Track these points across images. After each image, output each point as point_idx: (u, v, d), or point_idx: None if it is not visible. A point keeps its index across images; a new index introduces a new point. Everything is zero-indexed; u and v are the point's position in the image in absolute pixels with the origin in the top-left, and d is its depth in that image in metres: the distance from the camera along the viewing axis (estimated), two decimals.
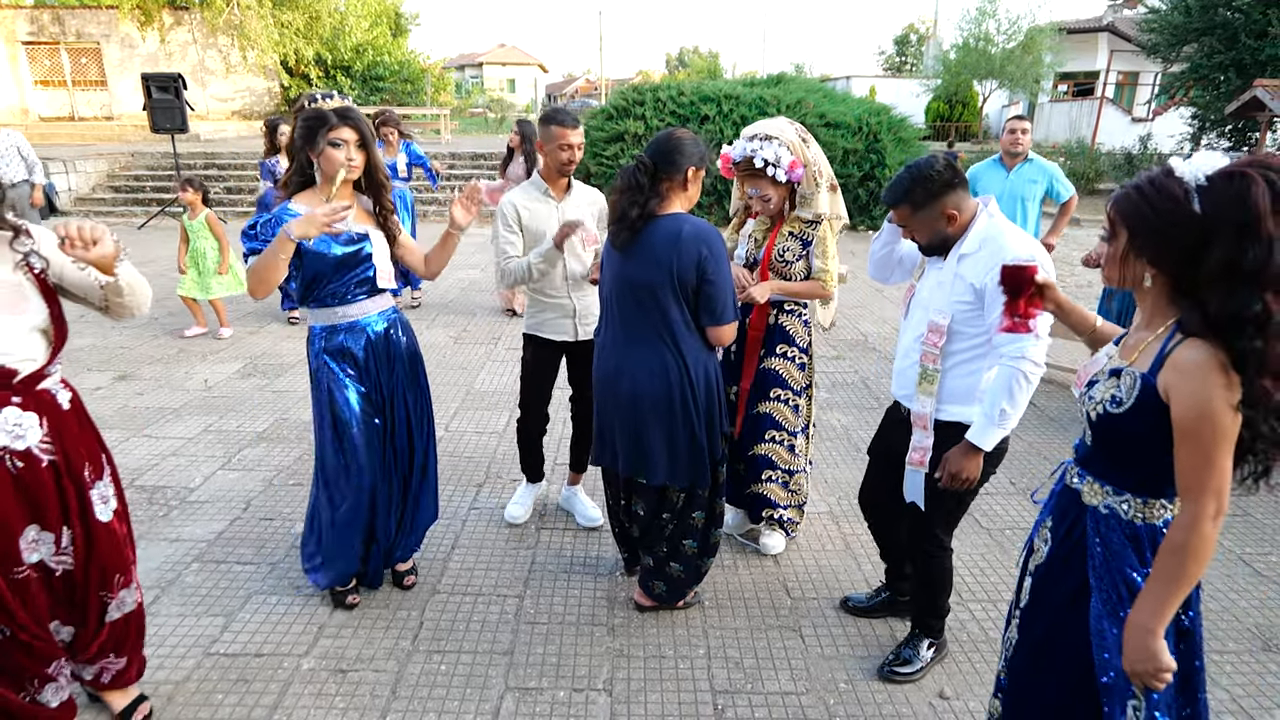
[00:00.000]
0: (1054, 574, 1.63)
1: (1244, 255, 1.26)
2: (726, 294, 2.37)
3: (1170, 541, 1.39)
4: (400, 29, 25.32)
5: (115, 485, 2.08)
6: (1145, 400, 1.40)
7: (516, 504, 3.38)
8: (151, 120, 10.39)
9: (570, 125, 2.86)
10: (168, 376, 5.09)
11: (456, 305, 7.16)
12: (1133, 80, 22.65)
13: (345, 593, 2.75)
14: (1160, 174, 1.37)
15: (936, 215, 2.12)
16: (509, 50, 55.62)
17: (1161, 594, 1.38)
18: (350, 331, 2.52)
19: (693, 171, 2.39)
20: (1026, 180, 4.96)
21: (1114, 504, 1.52)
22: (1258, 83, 12.47)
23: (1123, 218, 1.41)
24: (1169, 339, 1.40)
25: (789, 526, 3.15)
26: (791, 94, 12.43)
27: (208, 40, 18.74)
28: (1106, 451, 1.53)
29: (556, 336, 3.09)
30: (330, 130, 2.34)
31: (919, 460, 2.26)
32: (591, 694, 2.38)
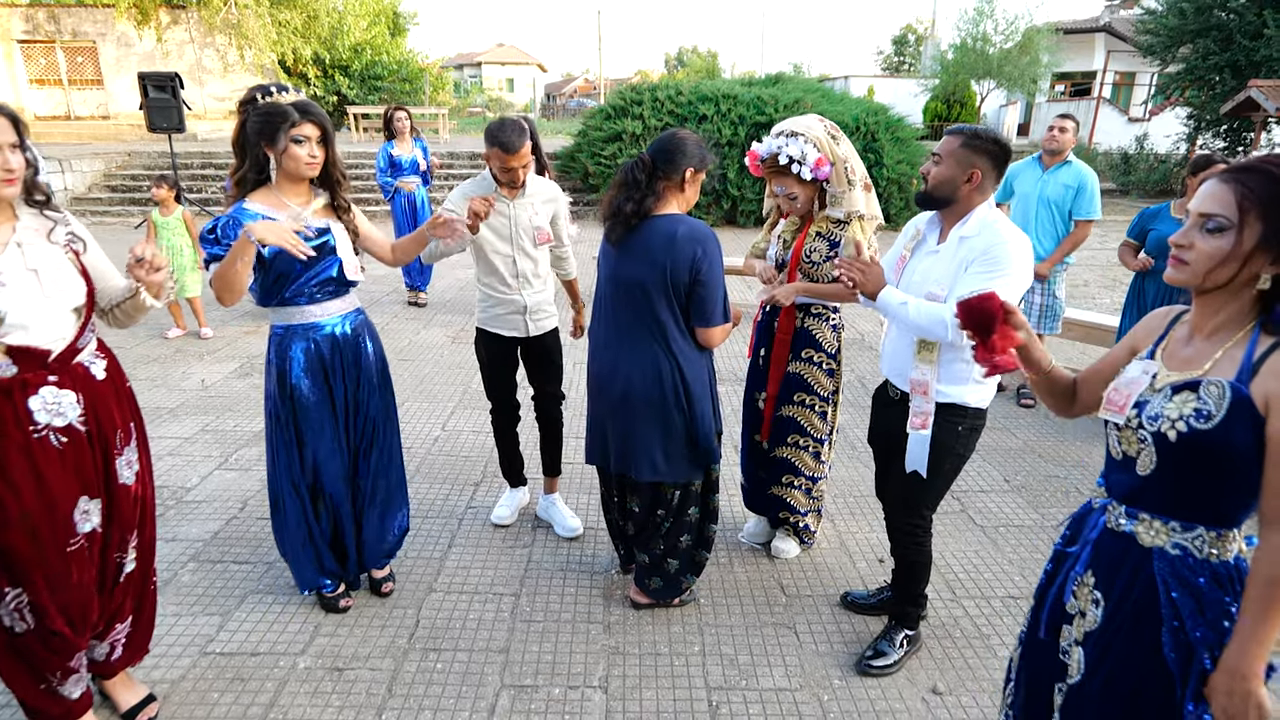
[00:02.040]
0: (1121, 640, 1.40)
1: None
2: (718, 296, 2.38)
3: (1268, 573, 1.23)
4: (399, 28, 25.29)
5: (141, 450, 2.11)
6: (1239, 412, 1.24)
7: (502, 506, 3.38)
8: (148, 119, 10.37)
9: (513, 150, 2.75)
10: (164, 376, 5.09)
11: (454, 305, 7.16)
12: (1129, 81, 22.72)
13: (336, 597, 2.73)
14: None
15: (968, 164, 2.15)
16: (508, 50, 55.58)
17: (1259, 633, 1.24)
18: (314, 333, 2.47)
19: (691, 173, 2.39)
20: (1060, 183, 4.59)
21: (1184, 542, 1.33)
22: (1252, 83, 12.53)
23: (1262, 204, 1.21)
24: (1253, 344, 1.27)
25: (805, 534, 3.14)
26: (790, 94, 12.46)
27: (205, 39, 18.70)
28: (1177, 478, 1.33)
29: (507, 332, 3.08)
30: (293, 126, 2.27)
31: (921, 424, 2.27)
32: (587, 691, 2.39)
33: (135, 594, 2.18)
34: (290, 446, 2.52)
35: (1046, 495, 3.75)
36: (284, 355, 2.47)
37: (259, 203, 2.35)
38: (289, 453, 2.53)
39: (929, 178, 2.23)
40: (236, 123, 2.34)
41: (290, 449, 2.53)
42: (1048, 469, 4.04)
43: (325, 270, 2.44)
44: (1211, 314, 1.33)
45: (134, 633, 2.21)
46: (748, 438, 3.13)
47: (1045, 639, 1.57)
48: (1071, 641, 1.50)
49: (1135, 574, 1.39)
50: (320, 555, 2.65)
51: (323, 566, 2.68)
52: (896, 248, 2.47)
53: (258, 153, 2.33)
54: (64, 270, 1.89)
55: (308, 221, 2.39)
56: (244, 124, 2.32)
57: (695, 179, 2.42)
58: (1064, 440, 4.39)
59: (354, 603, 2.77)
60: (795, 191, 2.76)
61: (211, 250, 2.30)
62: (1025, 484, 3.86)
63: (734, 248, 9.98)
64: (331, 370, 2.52)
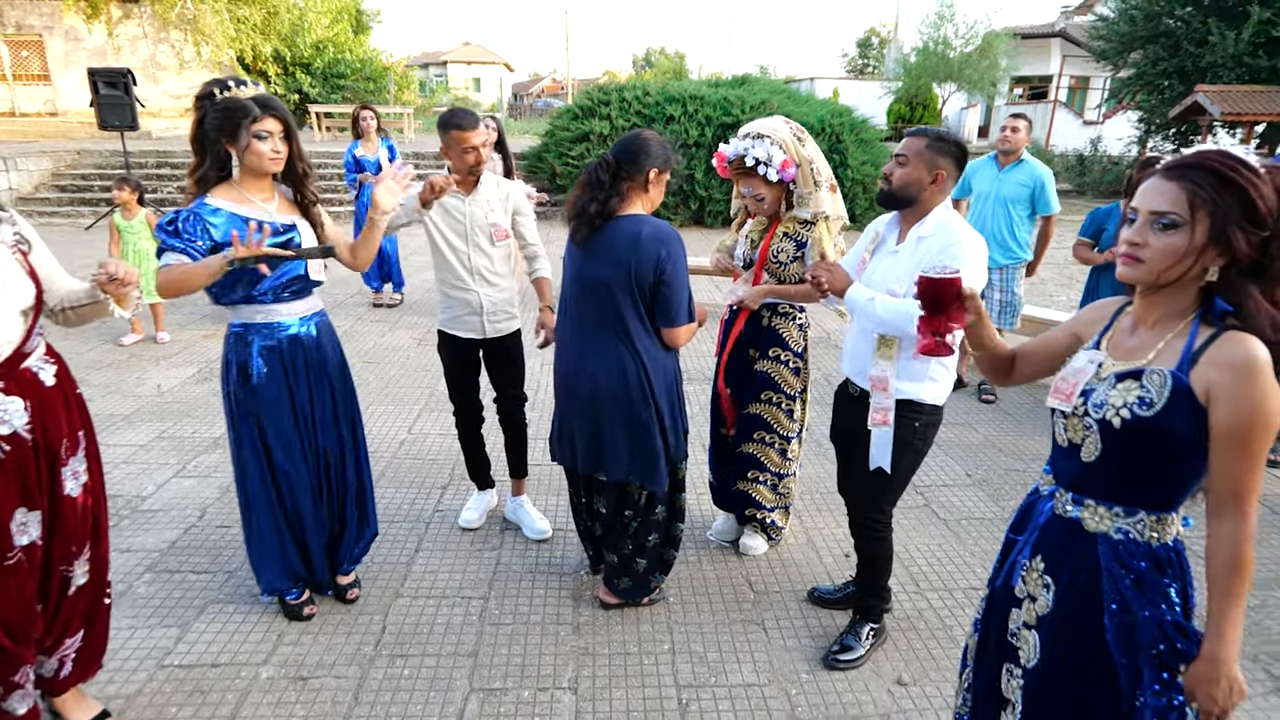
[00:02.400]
0: (1070, 624, 1.44)
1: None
2: (682, 296, 2.39)
3: (1226, 557, 1.28)
4: (362, 26, 24.97)
5: (90, 460, 2.05)
6: (1179, 400, 1.27)
7: (470, 509, 3.35)
8: (99, 117, 10.09)
9: (470, 126, 2.77)
10: (118, 382, 4.95)
11: (420, 307, 7.08)
12: (1084, 85, 23.29)
13: (300, 604, 2.69)
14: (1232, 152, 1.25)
15: (933, 165, 2.22)
16: (474, 49, 55.12)
17: (1231, 616, 1.28)
18: (269, 333, 2.41)
19: (655, 174, 2.40)
20: (1015, 183, 4.74)
21: (1127, 526, 1.38)
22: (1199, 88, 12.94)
23: (1211, 201, 1.23)
24: (1193, 334, 1.30)
25: (772, 530, 3.17)
26: (756, 95, 12.55)
27: (159, 35, 18.25)
28: (1120, 464, 1.37)
29: (464, 333, 3.05)
30: (255, 121, 2.21)
31: (881, 420, 2.32)
32: (556, 693, 2.39)
33: (86, 609, 2.12)
34: (255, 448, 2.47)
35: (1006, 488, 3.83)
36: (244, 354, 2.40)
37: (221, 198, 2.29)
38: (255, 454, 2.47)
39: (893, 178, 2.27)
40: (194, 119, 2.27)
41: (255, 451, 2.47)
42: (1007, 462, 4.12)
43: (291, 269, 2.38)
44: (1156, 307, 1.36)
45: (85, 648, 2.14)
46: (715, 435, 3.15)
47: (996, 622, 1.62)
48: (1021, 625, 1.54)
49: (1082, 559, 1.43)
50: (285, 558, 2.60)
51: (287, 570, 2.62)
52: (858, 250, 2.52)
53: (218, 149, 2.27)
54: (11, 271, 1.83)
55: (273, 218, 2.34)
56: (202, 120, 2.25)
57: (659, 179, 2.42)
58: (1023, 435, 4.48)
59: (319, 610, 2.73)
60: (762, 193, 2.78)
61: (169, 241, 2.20)
62: (986, 478, 3.94)
63: (702, 248, 10.02)
64: (294, 371, 2.46)
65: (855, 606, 2.66)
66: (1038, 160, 4.84)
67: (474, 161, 2.83)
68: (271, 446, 2.48)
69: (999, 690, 1.61)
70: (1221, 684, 1.29)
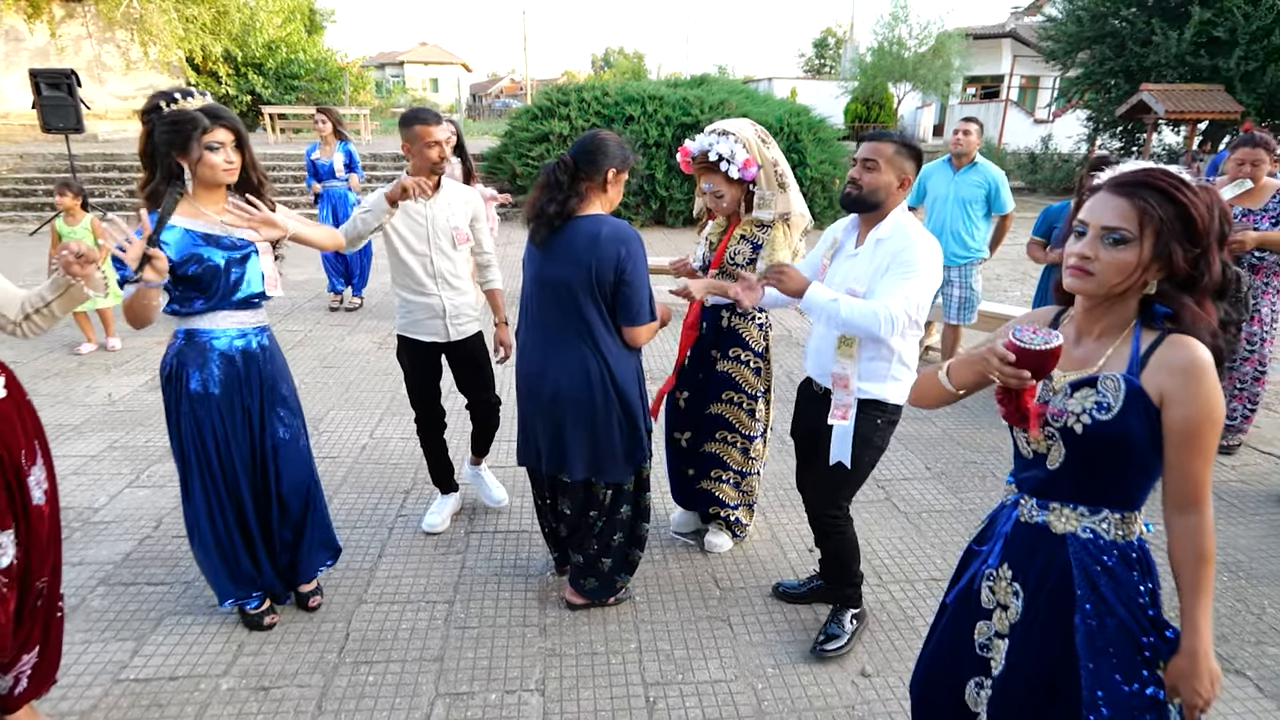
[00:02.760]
0: (1038, 629, 1.47)
1: (1225, 269, 1.31)
2: (643, 296, 2.41)
3: (1193, 551, 1.33)
4: (315, 26, 24.51)
5: (48, 468, 2.01)
6: (1134, 403, 1.32)
7: (434, 514, 3.31)
8: (42, 119, 9.76)
9: (433, 121, 2.81)
10: (66, 392, 4.81)
11: (379, 311, 6.99)
12: (1034, 84, 23.86)
13: (260, 614, 2.64)
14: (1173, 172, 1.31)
15: (900, 169, 2.27)
16: (431, 49, 54.56)
17: (1203, 608, 1.33)
18: (215, 342, 2.37)
19: (613, 173, 2.41)
20: (970, 184, 4.91)
21: (1093, 525, 1.42)
22: (1144, 87, 13.35)
23: (1157, 220, 1.28)
24: (1137, 340, 1.36)
25: (737, 528, 3.20)
26: (715, 95, 12.63)
27: (104, 35, 17.70)
28: (1083, 468, 1.41)
29: (427, 337, 3.03)
30: (205, 133, 2.19)
31: (842, 416, 2.36)
32: (524, 695, 2.38)
33: (43, 621, 2.06)
34: (199, 458, 2.41)
35: (965, 480, 3.91)
36: (187, 363, 2.35)
37: (176, 215, 2.23)
38: (198, 464, 2.42)
39: (863, 183, 2.29)
40: (142, 132, 2.22)
41: (199, 460, 2.42)
42: (966, 455, 4.21)
43: (245, 282, 2.36)
44: (1099, 318, 1.40)
45: (40, 663, 2.08)
46: (670, 435, 3.18)
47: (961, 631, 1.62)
48: (993, 634, 1.56)
49: (1050, 562, 1.46)
50: (236, 566, 2.54)
51: (239, 578, 2.56)
52: (817, 255, 2.56)
53: (169, 163, 2.21)
54: None
55: (228, 231, 2.31)
56: (150, 133, 2.20)
57: (618, 179, 2.44)
58: (980, 428, 4.59)
59: (280, 619, 2.68)
60: (722, 190, 2.80)
61: (124, 272, 2.15)
62: (945, 471, 4.02)
63: (664, 247, 10.06)
64: (238, 381, 2.41)
65: (834, 596, 2.69)
66: (990, 162, 5.01)
67: (437, 157, 2.83)
68: (214, 455, 2.42)
69: (964, 705, 1.63)
70: (1203, 677, 1.32)
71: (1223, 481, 3.91)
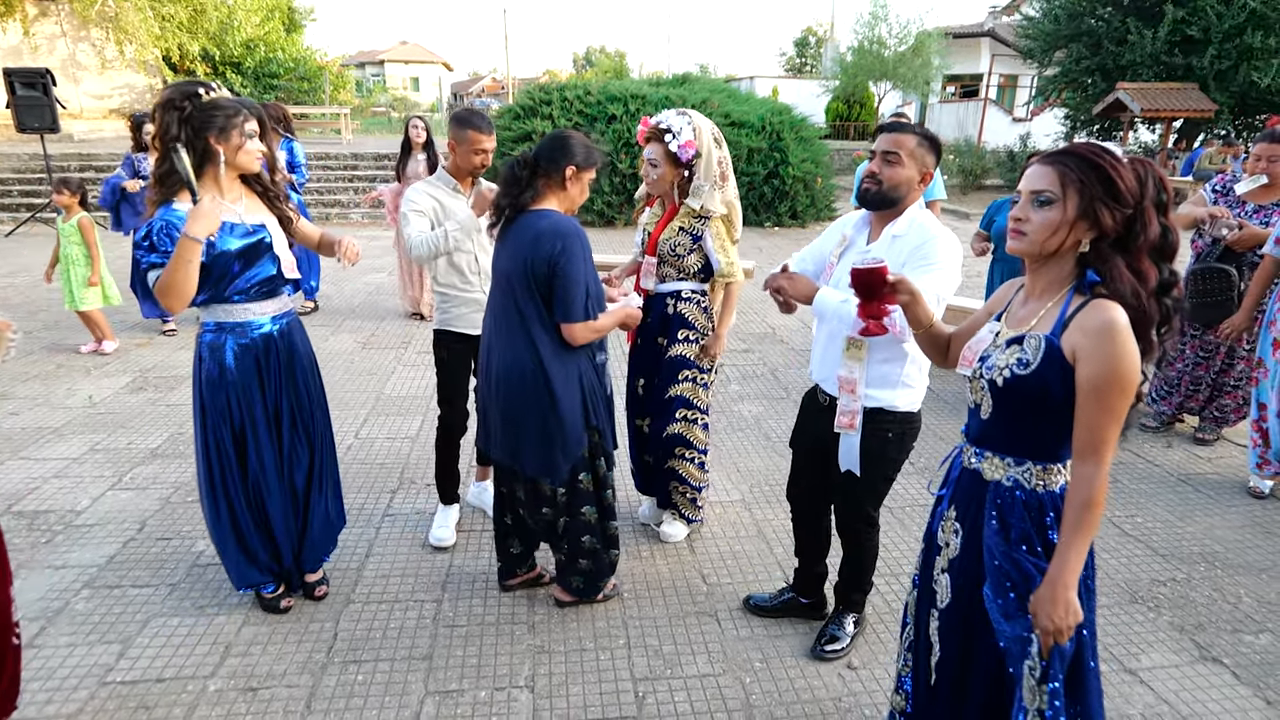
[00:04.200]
0: (970, 564, 1.63)
1: (1165, 232, 1.42)
2: (577, 293, 2.33)
3: (1078, 496, 1.44)
4: (294, 25, 24.32)
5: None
6: (1051, 360, 1.45)
7: (441, 528, 3.26)
8: (16, 119, 9.64)
9: (486, 131, 2.88)
10: (47, 394, 4.75)
11: (364, 310, 6.96)
12: (1013, 83, 24.13)
13: (276, 598, 2.69)
14: (1100, 144, 1.45)
15: (924, 163, 2.16)
16: (411, 48, 54.27)
17: (1077, 546, 1.44)
18: (242, 331, 2.44)
19: (573, 171, 2.40)
20: None
21: (1016, 474, 1.56)
22: (1120, 86, 13.54)
23: (1077, 180, 1.43)
24: (1067, 303, 1.47)
25: (691, 512, 3.23)
26: (697, 94, 12.65)
27: (79, 33, 17.45)
28: (1008, 420, 1.55)
29: (472, 330, 3.07)
30: (246, 121, 2.28)
31: (848, 424, 2.26)
32: (513, 692, 2.39)
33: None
34: (224, 445, 2.48)
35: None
36: (217, 352, 2.42)
37: (188, 203, 2.27)
38: (221, 452, 2.48)
39: (884, 178, 2.16)
40: (165, 119, 2.25)
41: (224, 448, 2.48)
42: (946, 449, 4.23)
43: (263, 269, 2.42)
44: (1040, 279, 1.55)
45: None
46: (632, 424, 3.24)
47: (926, 574, 1.80)
48: (939, 570, 1.73)
49: (979, 505, 1.62)
50: (255, 552, 2.60)
51: (258, 564, 2.61)
52: (824, 253, 2.43)
53: (202, 147, 2.27)
54: None
55: (241, 219, 2.37)
56: (183, 119, 2.24)
57: (578, 177, 2.43)
58: (960, 422, 4.63)
59: (294, 603, 2.73)
60: (658, 160, 2.89)
61: (148, 259, 2.23)
62: (928, 465, 4.07)
63: None
64: (266, 369, 2.49)
65: (839, 597, 2.66)
66: None
67: (480, 164, 2.91)
68: (242, 443, 2.49)
69: (928, 636, 1.76)
70: (1059, 605, 1.44)
71: (1198, 473, 3.99)
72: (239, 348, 2.44)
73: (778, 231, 12.12)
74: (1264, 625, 2.78)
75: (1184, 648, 2.66)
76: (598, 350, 2.58)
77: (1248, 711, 2.37)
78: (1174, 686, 2.47)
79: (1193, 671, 2.54)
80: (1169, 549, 3.28)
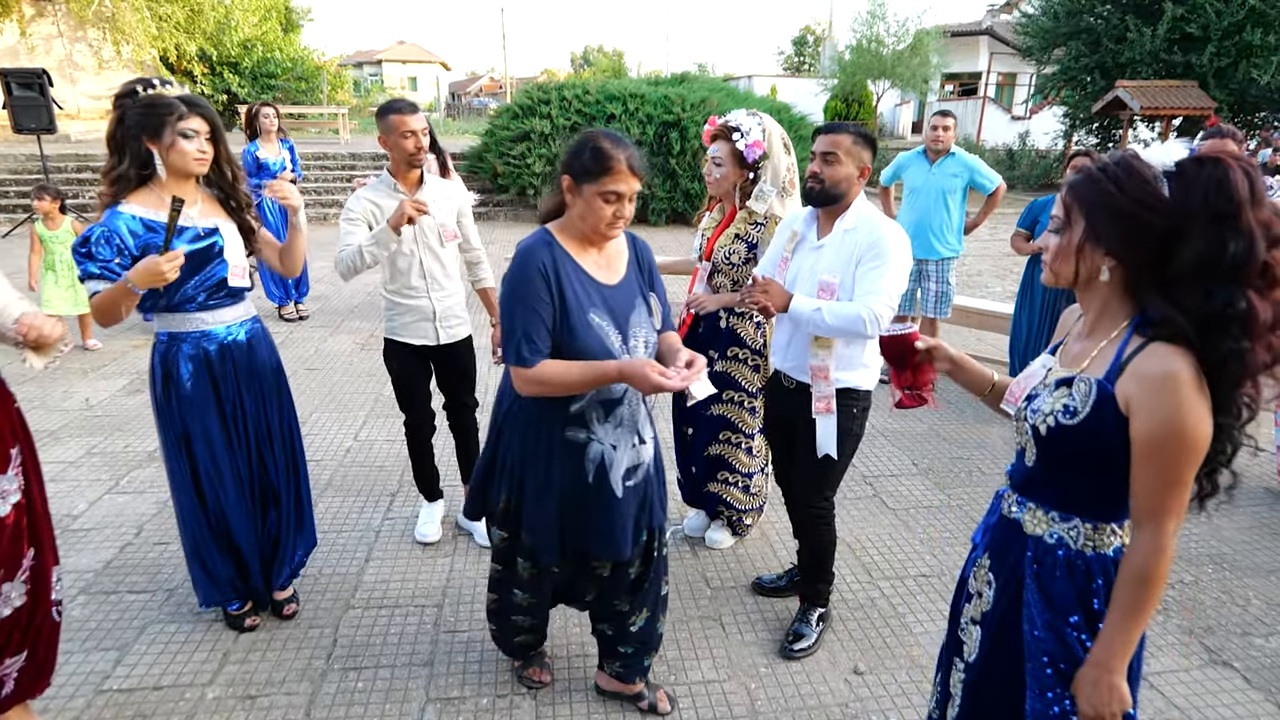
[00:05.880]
0: (1005, 622, 1.46)
1: (1224, 248, 1.15)
2: (506, 325, 1.86)
3: (1133, 569, 1.27)
4: (291, 24, 24.27)
5: (23, 476, 1.93)
6: (1103, 409, 1.26)
7: (426, 523, 3.24)
8: (13, 120, 9.58)
9: (409, 111, 2.74)
10: (43, 397, 4.71)
11: (361, 311, 6.92)
12: (1011, 81, 24.12)
13: (241, 615, 2.61)
14: (1124, 157, 1.26)
15: (860, 160, 2.31)
16: (409, 48, 54.19)
17: (1127, 627, 1.27)
18: (200, 341, 2.35)
19: (568, 183, 1.88)
20: (948, 174, 4.98)
21: (1061, 532, 1.38)
22: (1119, 84, 13.51)
23: (1083, 203, 1.29)
24: (1124, 343, 1.28)
25: (739, 527, 3.20)
26: (696, 93, 12.61)
27: (75, 34, 17.39)
28: (1054, 471, 1.37)
29: (416, 340, 2.96)
30: (180, 119, 2.16)
31: (824, 408, 2.38)
32: (515, 699, 2.36)
33: (25, 627, 1.99)
34: (181, 459, 2.40)
35: (952, 476, 3.93)
36: (169, 365, 2.34)
37: (137, 204, 2.21)
38: (180, 465, 2.40)
39: (825, 177, 2.31)
40: (112, 117, 2.19)
41: (181, 462, 2.40)
42: (952, 451, 4.23)
43: (212, 275, 2.32)
44: (1089, 311, 1.38)
45: (28, 666, 2.02)
46: (678, 429, 3.18)
47: (956, 612, 1.65)
48: (968, 620, 1.56)
49: (1020, 560, 1.43)
50: (216, 570, 2.51)
51: (220, 582, 2.53)
52: (776, 250, 2.56)
53: (139, 147, 2.19)
54: None
55: (195, 222, 2.28)
56: (121, 118, 2.18)
57: (577, 191, 1.87)
58: (965, 424, 4.61)
59: (260, 622, 2.65)
60: (723, 159, 2.84)
61: (86, 267, 2.13)
62: (931, 466, 4.04)
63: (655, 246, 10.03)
64: (222, 380, 2.39)
65: (802, 594, 2.70)
66: (963, 150, 5.10)
67: (413, 148, 2.76)
68: (199, 457, 2.40)
69: (949, 687, 1.64)
70: (1102, 689, 1.28)
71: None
72: (193, 357, 2.34)
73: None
74: (1274, 628, 2.75)
75: (1193, 651, 2.63)
76: (578, 425, 1.94)
77: (1259, 717, 2.35)
78: (1184, 691, 2.44)
79: (1202, 676, 2.51)
80: (1176, 551, 3.24)
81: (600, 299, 1.91)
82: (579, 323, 1.86)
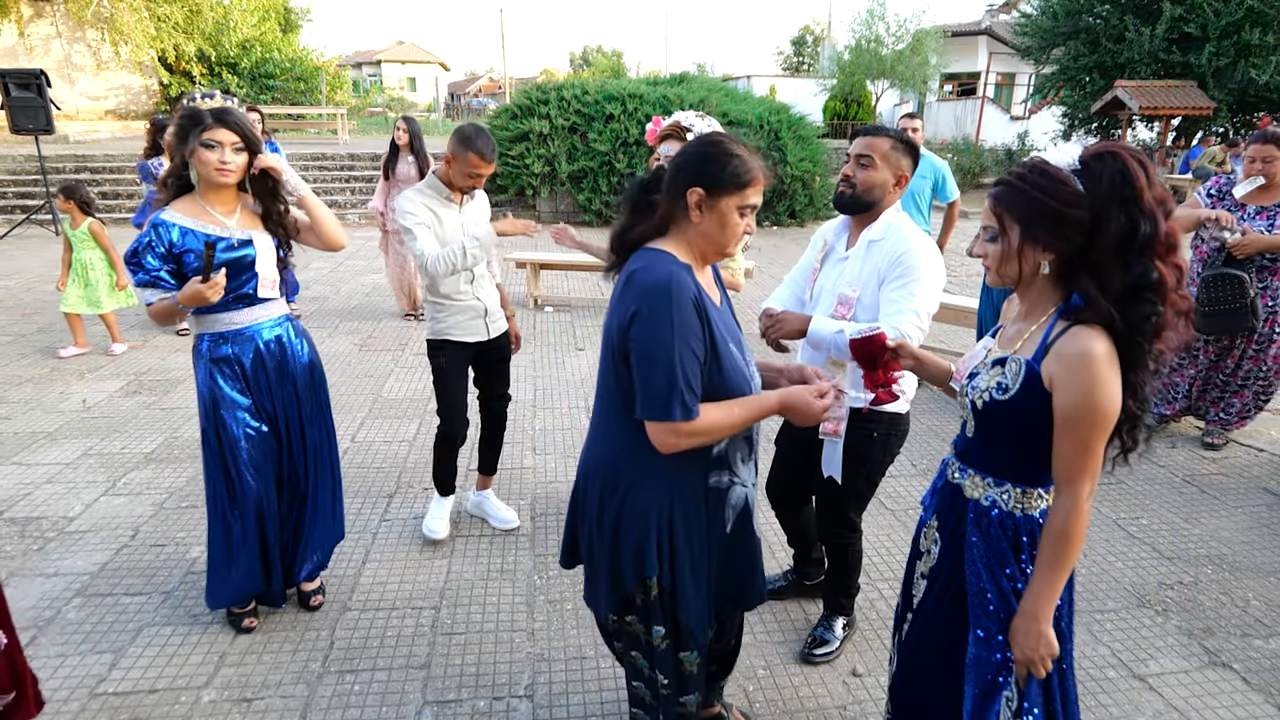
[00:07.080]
0: (946, 578, 1.63)
1: (1136, 227, 1.32)
2: (653, 377, 1.52)
3: (1053, 528, 1.42)
4: (290, 25, 24.26)
5: None
6: (1030, 386, 1.41)
7: (436, 519, 3.24)
8: (10, 120, 9.58)
9: (488, 158, 2.82)
10: (40, 398, 4.70)
11: (360, 311, 6.92)
12: (1010, 81, 24.12)
13: (242, 615, 2.62)
14: (1037, 164, 1.41)
15: (897, 166, 2.18)
16: (408, 48, 54.20)
17: (1051, 579, 1.42)
18: (238, 340, 2.43)
19: (698, 197, 1.60)
20: (918, 175, 5.03)
21: (995, 495, 1.53)
22: (1118, 83, 13.52)
23: (1012, 211, 1.41)
24: (1050, 327, 1.42)
25: None
26: (694, 93, 12.61)
27: (74, 34, 17.40)
28: (989, 441, 1.54)
29: (470, 338, 3.05)
30: (204, 130, 2.25)
31: (833, 430, 2.27)
32: (512, 701, 2.35)
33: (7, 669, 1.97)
34: (216, 458, 2.47)
35: None
36: (208, 364, 2.43)
37: (179, 212, 2.33)
38: (215, 464, 2.47)
39: (857, 181, 2.17)
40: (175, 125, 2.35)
41: (216, 460, 2.47)
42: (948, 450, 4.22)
43: (244, 286, 2.41)
44: (1025, 299, 1.52)
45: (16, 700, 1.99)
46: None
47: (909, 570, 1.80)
48: (919, 575, 1.74)
49: (959, 521, 1.60)
50: (245, 563, 2.54)
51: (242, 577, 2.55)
52: (808, 260, 2.47)
53: (178, 157, 2.34)
54: None
55: (230, 232, 2.37)
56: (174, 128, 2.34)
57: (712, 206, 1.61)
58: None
59: (257, 624, 2.64)
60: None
61: (139, 277, 2.29)
62: (931, 467, 4.03)
63: None
64: (255, 378, 2.47)
65: (826, 602, 2.66)
66: (933, 154, 5.22)
67: (472, 186, 2.92)
68: (239, 455, 2.46)
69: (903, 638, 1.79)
70: (1031, 637, 1.44)
71: (1204, 474, 3.95)
72: (230, 357, 2.43)
73: (776, 231, 12.09)
74: (1274, 629, 2.75)
75: (1193, 653, 2.62)
76: (720, 468, 1.70)
77: (1259, 718, 2.34)
78: (1183, 693, 2.43)
79: (1202, 677, 2.51)
80: (1175, 552, 3.24)
81: (725, 326, 1.66)
82: (725, 355, 1.61)
